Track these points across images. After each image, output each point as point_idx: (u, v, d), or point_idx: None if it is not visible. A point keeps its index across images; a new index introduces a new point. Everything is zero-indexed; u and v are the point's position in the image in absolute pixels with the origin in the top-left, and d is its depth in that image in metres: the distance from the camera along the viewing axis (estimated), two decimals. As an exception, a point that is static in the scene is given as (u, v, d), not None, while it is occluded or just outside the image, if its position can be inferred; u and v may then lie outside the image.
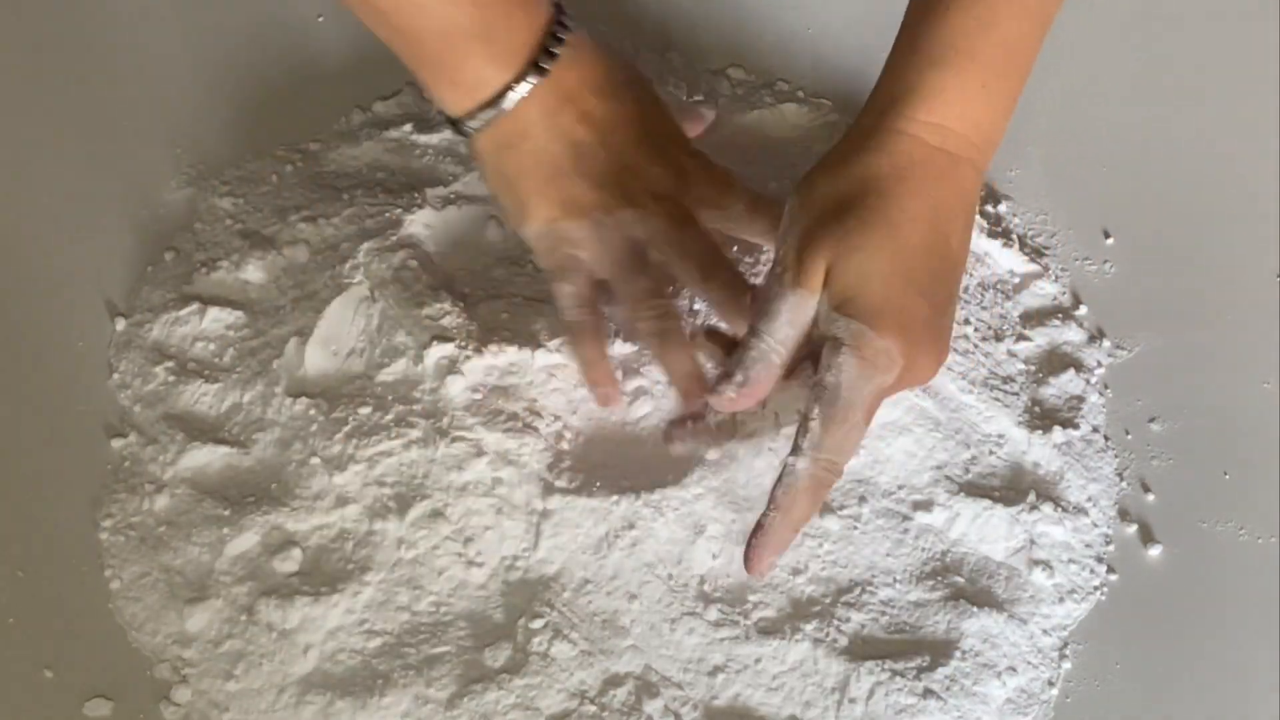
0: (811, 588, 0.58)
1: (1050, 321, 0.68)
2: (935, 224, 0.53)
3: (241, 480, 0.62)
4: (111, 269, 0.69)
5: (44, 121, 0.74)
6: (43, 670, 0.57)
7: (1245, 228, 0.71)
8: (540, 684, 0.56)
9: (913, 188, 0.52)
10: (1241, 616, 0.60)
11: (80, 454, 0.63)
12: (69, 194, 0.71)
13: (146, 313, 0.67)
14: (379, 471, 0.60)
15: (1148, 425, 0.65)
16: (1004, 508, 0.61)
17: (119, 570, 0.60)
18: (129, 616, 0.59)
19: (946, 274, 0.54)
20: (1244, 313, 0.68)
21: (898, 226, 0.52)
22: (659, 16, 0.80)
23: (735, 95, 0.76)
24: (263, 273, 0.68)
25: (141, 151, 0.73)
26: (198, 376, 0.65)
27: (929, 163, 0.53)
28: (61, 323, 0.67)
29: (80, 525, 0.61)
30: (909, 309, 0.52)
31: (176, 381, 0.65)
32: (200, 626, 0.58)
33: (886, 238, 0.52)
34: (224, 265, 0.68)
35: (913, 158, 0.53)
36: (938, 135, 0.53)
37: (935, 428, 0.62)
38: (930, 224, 0.53)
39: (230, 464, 0.62)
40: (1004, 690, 0.57)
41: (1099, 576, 0.61)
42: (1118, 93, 0.77)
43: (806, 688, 0.56)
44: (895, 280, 0.52)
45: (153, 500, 0.62)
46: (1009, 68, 0.54)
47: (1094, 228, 0.72)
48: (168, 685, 0.57)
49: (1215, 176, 0.73)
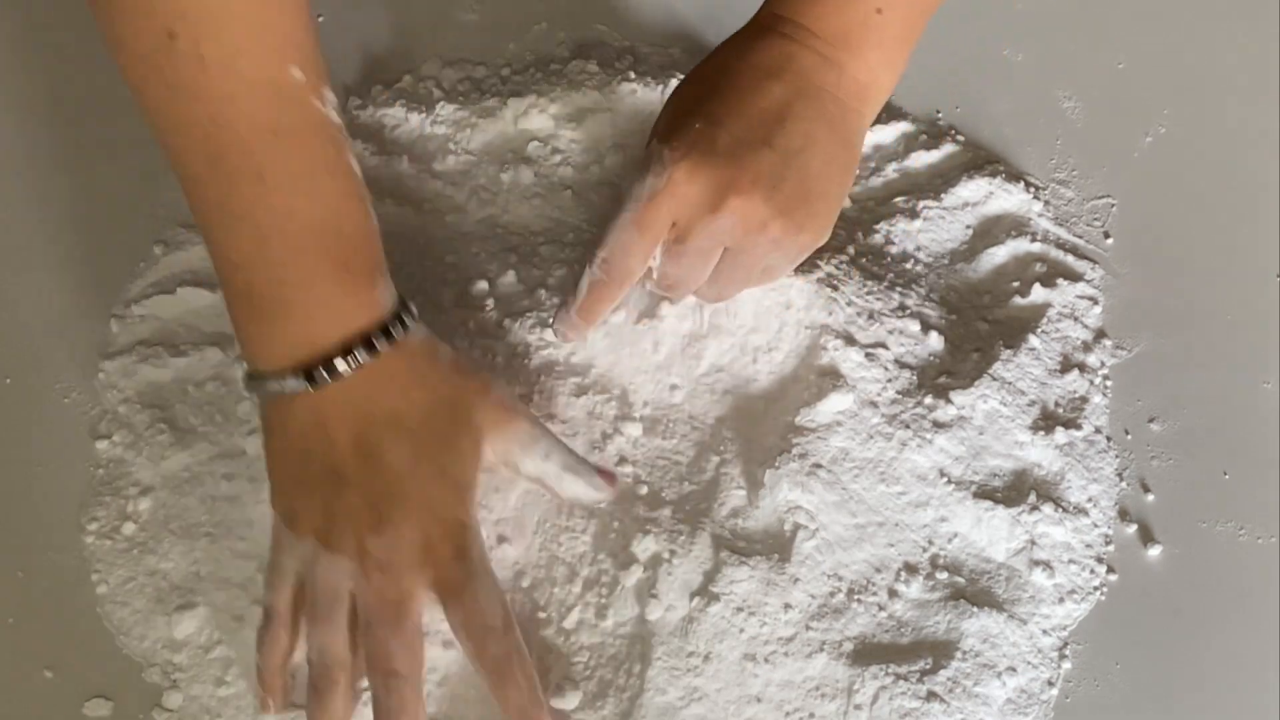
0: (814, 588, 0.58)
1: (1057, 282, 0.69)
2: (751, 75, 0.57)
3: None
4: (110, 269, 0.69)
5: (42, 121, 0.74)
6: (42, 670, 0.57)
7: (1245, 228, 0.72)
8: None
9: (737, 50, 0.58)
10: (1241, 616, 0.60)
11: (80, 454, 0.63)
12: (69, 195, 0.71)
13: (134, 307, 0.67)
14: None
15: (1148, 425, 0.65)
16: (1005, 508, 0.61)
17: (105, 574, 0.60)
18: (117, 621, 0.59)
19: (774, 126, 0.56)
20: (1244, 313, 0.69)
21: (709, 73, 0.58)
22: (660, 15, 0.80)
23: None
24: None
25: (141, 151, 0.73)
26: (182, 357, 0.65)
27: (758, 36, 0.58)
28: (61, 323, 0.67)
29: (79, 525, 0.61)
30: (700, 130, 0.55)
31: (162, 378, 0.65)
32: (189, 633, 0.58)
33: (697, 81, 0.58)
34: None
35: (746, 33, 0.59)
36: (774, 23, 0.58)
37: (937, 430, 0.62)
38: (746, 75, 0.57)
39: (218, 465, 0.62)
40: (1004, 690, 0.57)
41: (1099, 576, 0.61)
42: (1118, 93, 0.77)
43: (810, 695, 0.56)
44: (686, 104, 0.57)
45: (137, 503, 0.61)
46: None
47: (1094, 228, 0.72)
48: (159, 690, 0.57)
49: (1215, 176, 0.73)
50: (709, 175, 0.55)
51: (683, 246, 0.57)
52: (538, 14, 0.80)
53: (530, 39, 0.79)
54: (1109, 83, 0.77)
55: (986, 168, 0.73)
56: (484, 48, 0.78)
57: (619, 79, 0.74)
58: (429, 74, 0.77)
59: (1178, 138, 0.75)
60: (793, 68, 0.57)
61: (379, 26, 0.79)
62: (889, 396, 0.62)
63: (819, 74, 0.57)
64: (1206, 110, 0.76)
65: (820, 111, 0.57)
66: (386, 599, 0.52)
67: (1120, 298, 0.69)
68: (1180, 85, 0.77)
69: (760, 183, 0.55)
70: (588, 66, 0.76)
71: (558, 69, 0.76)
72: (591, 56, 0.77)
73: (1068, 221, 0.72)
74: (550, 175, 0.71)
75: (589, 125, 0.73)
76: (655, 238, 0.56)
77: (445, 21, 0.80)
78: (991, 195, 0.72)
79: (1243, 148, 0.74)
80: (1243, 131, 0.75)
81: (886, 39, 0.57)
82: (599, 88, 0.74)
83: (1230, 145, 0.74)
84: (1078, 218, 0.72)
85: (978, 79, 0.77)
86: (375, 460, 0.53)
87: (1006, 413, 0.63)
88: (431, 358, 0.55)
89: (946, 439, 0.62)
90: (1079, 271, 0.70)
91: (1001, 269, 0.70)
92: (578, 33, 0.80)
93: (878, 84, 0.58)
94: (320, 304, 0.52)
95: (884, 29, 0.57)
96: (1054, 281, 0.69)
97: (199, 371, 0.65)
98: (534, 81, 0.75)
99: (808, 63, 0.57)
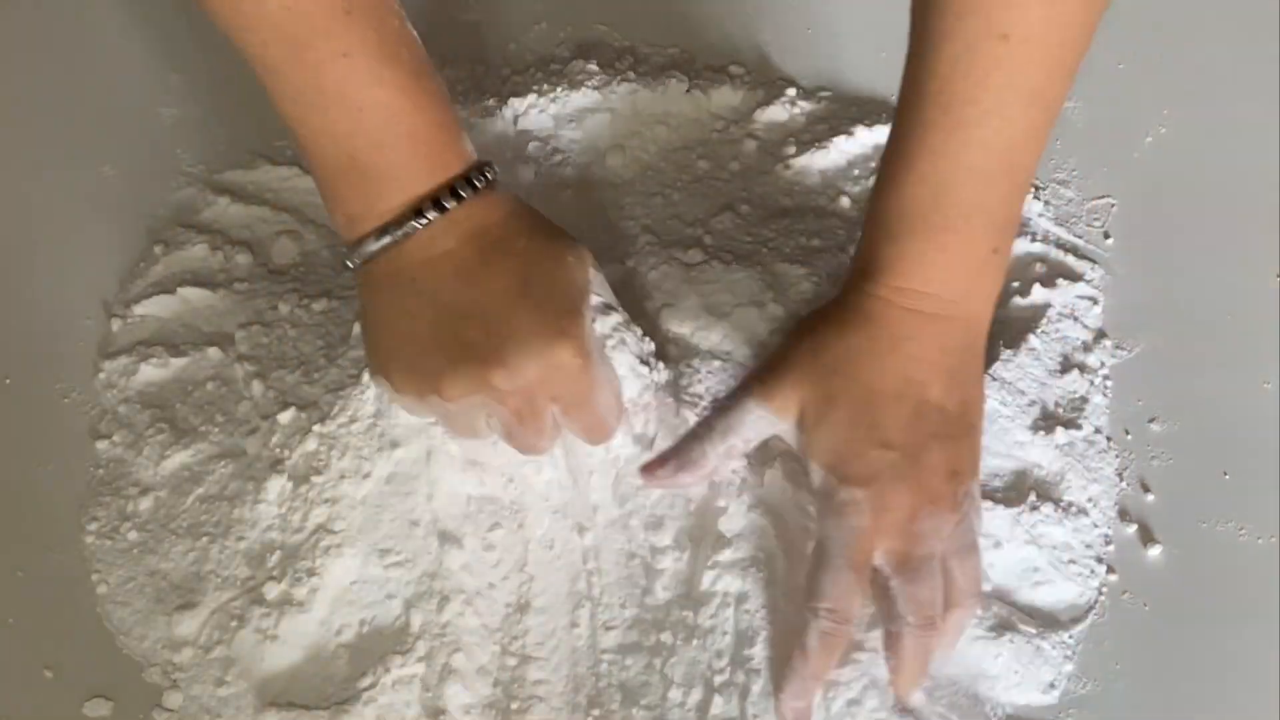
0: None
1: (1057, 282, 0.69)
2: (907, 377, 0.56)
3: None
4: (110, 270, 0.69)
5: (42, 121, 0.74)
6: (42, 670, 0.57)
7: (1245, 228, 0.71)
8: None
9: (883, 346, 0.57)
10: (1241, 616, 0.60)
11: (80, 454, 0.63)
12: (69, 195, 0.71)
13: (134, 307, 0.67)
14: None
15: (1148, 425, 0.65)
16: (1005, 508, 0.61)
17: (105, 574, 0.60)
18: (117, 621, 0.59)
19: (920, 421, 0.56)
20: (1244, 313, 0.68)
21: (865, 383, 0.56)
22: (660, 15, 0.80)
23: (737, 89, 0.76)
24: (249, 257, 0.68)
25: (141, 151, 0.73)
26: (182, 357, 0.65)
27: (900, 323, 0.56)
28: (61, 323, 0.67)
29: (79, 525, 0.61)
30: (872, 457, 0.55)
31: (162, 377, 0.65)
32: (189, 633, 0.58)
33: (854, 389, 0.56)
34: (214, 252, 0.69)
35: (883, 321, 0.57)
36: (908, 299, 0.56)
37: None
38: (901, 377, 0.56)
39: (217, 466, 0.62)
40: (1005, 691, 0.57)
41: (1099, 576, 0.61)
42: (1118, 93, 0.77)
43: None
44: (859, 431, 0.56)
45: (137, 503, 0.61)
46: (970, 225, 0.56)
47: (1094, 228, 0.72)
48: (159, 690, 0.57)
49: (1215, 177, 0.73)
50: (902, 500, 0.55)
51: (913, 570, 0.55)
52: (538, 14, 0.80)
53: (530, 39, 0.79)
54: (1109, 83, 0.77)
55: (986, 168, 0.73)
56: (484, 48, 0.78)
57: (619, 79, 0.74)
58: (429, 74, 0.77)
59: (1178, 138, 0.75)
60: (932, 345, 0.56)
61: (379, 26, 0.79)
62: None
63: (954, 337, 0.57)
64: (1206, 110, 0.76)
65: (961, 368, 0.57)
66: (523, 418, 0.55)
67: (1120, 298, 0.69)
68: (1180, 85, 0.77)
69: (945, 484, 0.56)
70: (588, 66, 0.76)
71: (558, 69, 0.76)
72: (591, 56, 0.77)
73: (1068, 221, 0.72)
74: (550, 175, 0.71)
75: (589, 125, 0.73)
76: (869, 573, 0.55)
77: (445, 21, 0.80)
78: None
79: (1243, 148, 0.74)
80: (1243, 131, 0.75)
81: (999, 269, 0.58)
82: (599, 88, 0.74)
83: (1230, 145, 0.74)
84: (1078, 218, 0.72)
85: (978, 79, 0.76)
86: (484, 286, 0.54)
87: (1006, 413, 0.63)
88: (516, 198, 0.57)
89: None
90: (1079, 271, 0.70)
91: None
92: (578, 33, 0.80)
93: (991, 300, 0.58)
94: (423, 157, 0.54)
95: (999, 263, 0.57)
96: (1054, 281, 0.69)
97: (199, 371, 0.65)
98: (534, 81, 0.76)
99: (944, 335, 0.57)
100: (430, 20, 0.79)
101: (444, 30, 0.79)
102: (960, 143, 0.54)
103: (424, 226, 0.54)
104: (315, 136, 0.54)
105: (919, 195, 0.55)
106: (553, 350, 0.54)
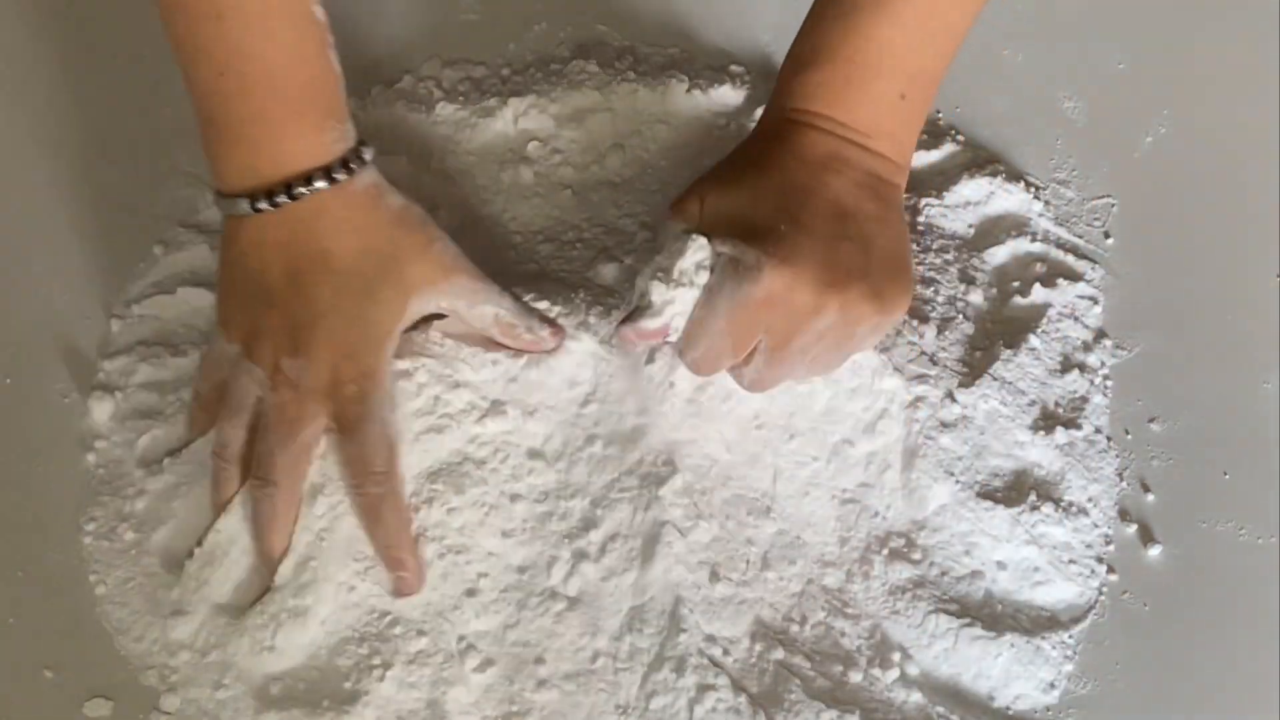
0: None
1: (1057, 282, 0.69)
2: (808, 171, 0.58)
3: None
4: (110, 270, 0.69)
5: (42, 121, 0.74)
6: (42, 670, 0.57)
7: (1245, 227, 0.72)
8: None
9: (780, 146, 0.59)
10: (1241, 616, 0.60)
11: (79, 454, 0.63)
12: (69, 195, 0.71)
13: (134, 307, 0.67)
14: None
15: (1148, 425, 0.65)
16: (1005, 508, 0.61)
17: (104, 575, 0.60)
18: (115, 622, 0.59)
19: (825, 211, 0.57)
20: (1244, 313, 0.69)
21: (763, 169, 0.58)
22: (660, 15, 0.80)
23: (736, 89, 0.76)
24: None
25: (140, 151, 0.73)
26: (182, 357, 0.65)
27: (796, 132, 0.59)
28: (61, 323, 0.67)
29: (77, 525, 0.61)
30: (777, 232, 0.56)
31: (162, 377, 0.65)
32: (185, 635, 0.58)
33: (753, 176, 0.58)
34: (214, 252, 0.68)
35: (781, 130, 0.59)
36: (813, 120, 0.59)
37: (943, 429, 0.62)
38: (803, 171, 0.58)
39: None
40: (1005, 691, 0.57)
41: (1099, 576, 0.61)
42: (1118, 93, 0.77)
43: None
44: (762, 207, 0.57)
45: (134, 504, 0.61)
46: (879, 63, 0.58)
47: (1094, 228, 0.72)
48: (158, 692, 0.57)
49: (1215, 176, 0.73)
50: (807, 282, 0.55)
51: (784, 351, 0.57)
52: (538, 14, 0.80)
53: (530, 39, 0.79)
54: (1109, 83, 0.77)
55: (987, 167, 0.73)
56: (484, 48, 0.78)
57: (619, 79, 0.74)
58: (429, 74, 0.77)
59: (1178, 138, 0.75)
60: (842, 158, 0.58)
61: (379, 27, 0.79)
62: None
63: (864, 161, 0.59)
64: (1206, 110, 0.76)
65: (875, 194, 0.58)
66: (285, 414, 0.57)
67: (1120, 298, 0.69)
68: (1180, 85, 0.77)
69: (853, 276, 0.56)
70: (588, 66, 0.76)
71: (558, 69, 0.76)
72: (591, 56, 0.77)
73: (1068, 221, 0.72)
74: (550, 175, 0.71)
75: (589, 125, 0.73)
76: (747, 347, 0.57)
77: (445, 21, 0.80)
78: (992, 195, 0.72)
79: (1243, 148, 0.74)
80: (1243, 131, 0.75)
81: (910, 116, 0.60)
82: (599, 88, 0.74)
83: (1230, 145, 0.74)
84: (1078, 218, 0.72)
85: (978, 79, 0.76)
86: (300, 291, 0.57)
87: (1007, 412, 0.63)
88: (373, 207, 0.58)
89: (950, 438, 0.62)
90: (1079, 271, 0.70)
91: (1002, 269, 0.70)
92: (578, 33, 0.80)
93: (905, 153, 0.60)
94: (269, 140, 0.56)
95: (908, 109, 0.59)
96: (1054, 281, 0.69)
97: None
98: (534, 81, 0.76)
99: (852, 153, 0.58)
100: (430, 20, 0.80)
101: (444, 30, 0.79)
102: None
103: (254, 214, 0.56)
104: (186, 85, 0.57)
105: (832, 30, 0.59)
106: (338, 368, 0.56)
